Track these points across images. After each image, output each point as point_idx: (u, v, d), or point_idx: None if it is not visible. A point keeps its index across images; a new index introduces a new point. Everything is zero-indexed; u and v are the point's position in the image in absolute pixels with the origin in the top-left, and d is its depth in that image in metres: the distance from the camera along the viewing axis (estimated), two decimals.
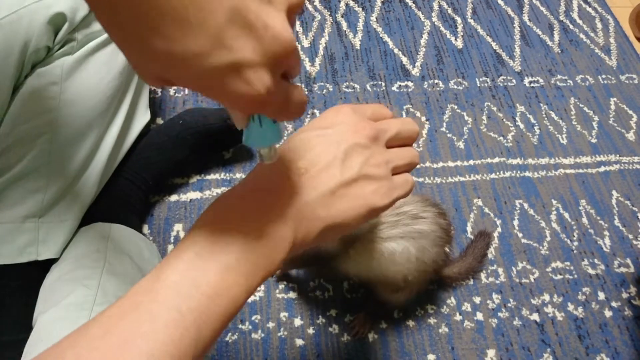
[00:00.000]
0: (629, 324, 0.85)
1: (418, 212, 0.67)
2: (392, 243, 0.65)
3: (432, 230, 0.67)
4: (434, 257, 0.68)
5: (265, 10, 0.25)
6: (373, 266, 0.67)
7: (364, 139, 0.39)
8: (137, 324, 0.28)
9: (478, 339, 0.82)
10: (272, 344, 0.79)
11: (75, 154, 0.69)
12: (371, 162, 0.39)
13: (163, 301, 0.29)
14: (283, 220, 0.34)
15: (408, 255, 0.65)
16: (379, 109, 0.43)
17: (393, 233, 0.65)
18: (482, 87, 1.15)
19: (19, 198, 0.64)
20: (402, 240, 0.65)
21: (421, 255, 0.66)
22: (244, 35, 0.24)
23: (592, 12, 1.33)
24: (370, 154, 0.39)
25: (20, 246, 0.64)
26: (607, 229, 0.96)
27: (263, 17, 0.25)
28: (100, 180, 0.74)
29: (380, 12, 1.27)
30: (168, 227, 0.89)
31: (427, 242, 0.66)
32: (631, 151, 1.07)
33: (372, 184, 0.38)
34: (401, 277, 0.68)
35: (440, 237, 0.68)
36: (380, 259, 0.65)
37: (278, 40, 0.25)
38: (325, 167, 0.37)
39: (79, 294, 0.59)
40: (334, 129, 0.39)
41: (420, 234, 0.66)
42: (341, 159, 0.38)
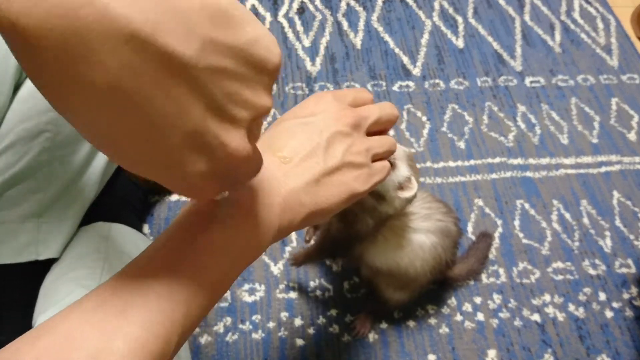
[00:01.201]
0: (630, 324, 0.85)
1: (447, 211, 0.68)
2: (422, 235, 0.65)
3: (456, 231, 0.69)
4: (449, 258, 0.69)
5: (225, 129, 0.25)
6: (397, 255, 0.66)
7: (345, 126, 0.40)
8: (130, 297, 0.28)
9: (479, 339, 0.82)
10: (273, 343, 0.79)
11: (76, 152, 0.68)
12: (353, 150, 0.40)
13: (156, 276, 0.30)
14: (269, 208, 0.35)
15: (433, 252, 0.66)
16: (360, 93, 0.44)
17: (424, 226, 0.65)
18: (483, 87, 1.15)
19: (19, 197, 0.64)
20: (432, 234, 0.66)
21: (444, 254, 0.67)
22: (198, 153, 0.25)
23: (594, 11, 1.33)
24: (352, 142, 0.40)
25: (20, 246, 0.64)
26: (608, 229, 0.96)
27: (221, 137, 0.25)
28: (101, 180, 0.74)
29: (381, 12, 1.27)
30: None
31: (450, 242, 0.68)
32: (632, 151, 1.07)
33: (353, 171, 0.40)
34: (419, 272, 0.67)
35: (456, 240, 0.70)
36: (407, 249, 0.65)
37: (232, 157, 0.26)
38: (309, 155, 0.38)
39: (79, 294, 0.59)
40: (316, 117, 0.40)
41: (450, 232, 0.67)
42: (324, 147, 0.39)
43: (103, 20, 0.19)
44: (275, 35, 1.19)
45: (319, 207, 0.38)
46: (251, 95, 0.27)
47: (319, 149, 0.39)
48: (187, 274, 0.30)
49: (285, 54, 1.16)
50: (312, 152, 0.38)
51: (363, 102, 0.44)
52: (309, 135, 0.39)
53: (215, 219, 0.32)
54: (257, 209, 0.34)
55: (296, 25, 1.22)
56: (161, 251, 0.31)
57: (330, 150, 0.39)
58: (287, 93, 1.09)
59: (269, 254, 0.88)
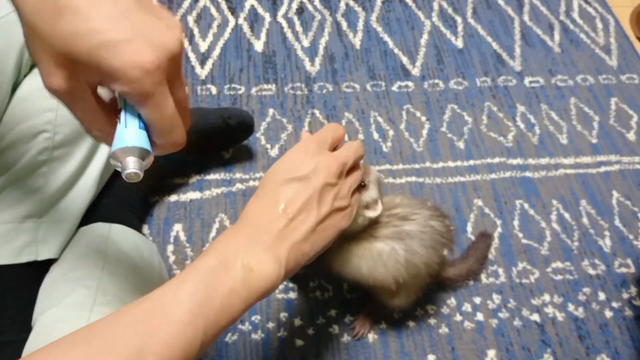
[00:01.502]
0: (629, 324, 0.85)
1: (407, 214, 0.66)
2: (380, 243, 0.64)
3: (422, 231, 0.66)
4: (425, 260, 0.66)
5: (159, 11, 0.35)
6: (362, 266, 0.65)
7: (333, 178, 0.49)
8: (155, 317, 0.36)
9: (478, 339, 0.82)
10: (272, 344, 0.79)
11: (75, 152, 0.68)
12: (339, 196, 0.50)
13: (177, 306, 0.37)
14: (276, 260, 0.44)
15: (396, 256, 0.64)
16: (336, 131, 0.53)
17: (382, 233, 0.65)
18: (483, 87, 1.15)
19: (18, 198, 0.64)
20: (390, 240, 0.65)
21: (411, 257, 0.65)
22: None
23: (593, 12, 1.33)
24: (338, 189, 0.50)
25: (19, 246, 0.64)
26: (607, 229, 0.96)
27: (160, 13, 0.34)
28: (100, 180, 0.74)
29: (380, 12, 1.27)
30: (168, 227, 0.89)
31: (416, 243, 0.65)
32: (632, 151, 1.07)
33: (340, 213, 0.51)
34: (392, 280, 0.66)
35: (433, 239, 0.66)
36: (369, 259, 0.65)
37: (172, 34, 0.33)
38: (305, 207, 0.47)
39: (79, 294, 0.59)
40: (308, 173, 0.48)
41: (408, 234, 0.65)
42: (317, 199, 0.48)
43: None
44: (275, 35, 1.19)
45: (316, 249, 0.48)
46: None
47: (312, 201, 0.47)
48: (211, 318, 0.38)
49: (284, 55, 1.16)
50: (308, 204, 0.47)
51: (340, 138, 0.54)
52: (304, 190, 0.47)
53: (233, 275, 0.41)
54: (266, 265, 0.43)
55: (295, 25, 1.22)
56: (190, 303, 0.38)
57: (321, 200, 0.48)
58: (287, 93, 1.09)
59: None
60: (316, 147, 0.50)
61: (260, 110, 1.06)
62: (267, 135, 1.02)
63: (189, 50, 1.14)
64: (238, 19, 1.21)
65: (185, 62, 1.12)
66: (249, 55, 1.15)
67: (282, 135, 1.03)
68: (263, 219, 0.46)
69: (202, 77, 1.10)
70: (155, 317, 0.36)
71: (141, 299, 0.38)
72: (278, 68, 1.13)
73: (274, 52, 1.16)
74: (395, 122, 1.07)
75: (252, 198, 0.49)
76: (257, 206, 0.47)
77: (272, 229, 0.45)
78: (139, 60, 0.32)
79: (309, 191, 0.48)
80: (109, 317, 0.36)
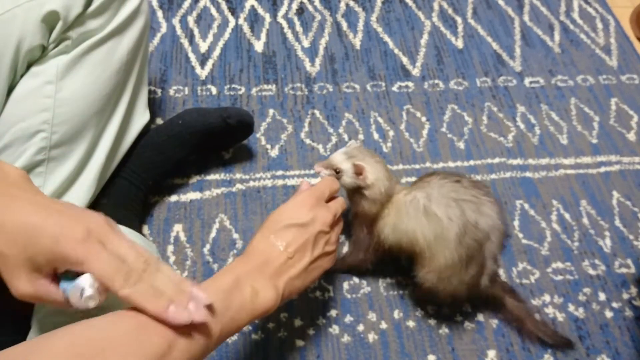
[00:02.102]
0: (629, 324, 0.85)
1: (435, 173, 0.74)
2: (408, 196, 0.72)
3: (442, 182, 0.71)
4: (445, 211, 0.68)
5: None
6: (397, 224, 0.72)
7: (326, 227, 0.63)
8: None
9: (478, 339, 0.82)
10: (272, 344, 0.79)
11: (72, 152, 0.68)
12: (330, 242, 0.64)
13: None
14: (275, 289, 0.56)
15: (416, 204, 0.70)
16: (332, 185, 0.68)
17: (409, 189, 0.74)
18: (483, 87, 1.15)
19: None
20: (414, 191, 0.72)
21: (429, 204, 0.69)
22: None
23: (593, 12, 1.33)
24: (329, 237, 0.64)
25: None
26: (607, 229, 0.96)
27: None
28: (99, 180, 0.74)
29: (381, 12, 1.27)
30: (167, 228, 0.89)
31: (435, 192, 0.70)
32: (632, 151, 1.07)
33: (328, 257, 0.64)
34: (417, 232, 0.70)
35: (455, 190, 0.70)
36: (401, 213, 0.72)
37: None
38: (302, 248, 0.60)
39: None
40: (307, 221, 0.61)
41: (428, 184, 0.72)
42: (312, 243, 0.61)
43: None
44: (275, 36, 1.19)
45: (305, 285, 0.62)
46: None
47: (308, 245, 0.60)
48: (225, 324, 0.48)
49: (284, 55, 1.16)
50: (304, 246, 0.60)
51: (335, 191, 0.68)
52: (301, 236, 0.60)
53: (244, 295, 0.52)
54: (269, 292, 0.55)
55: (295, 25, 1.22)
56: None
57: (315, 245, 0.61)
58: (287, 94, 1.09)
59: None
60: (315, 200, 0.63)
61: (261, 111, 1.06)
62: (267, 136, 1.02)
63: (189, 50, 1.14)
64: (238, 20, 1.21)
65: (185, 63, 1.12)
66: (249, 56, 1.15)
67: (282, 135, 1.03)
68: (266, 254, 0.58)
69: (202, 78, 1.10)
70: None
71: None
72: (278, 68, 1.13)
73: (274, 53, 1.16)
74: (396, 123, 1.07)
75: (258, 235, 0.60)
76: (262, 242, 0.59)
77: (273, 264, 0.57)
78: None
79: (306, 236, 0.60)
80: (137, 312, 0.42)
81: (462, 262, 0.69)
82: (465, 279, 0.72)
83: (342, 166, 0.71)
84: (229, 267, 0.56)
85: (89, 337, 0.39)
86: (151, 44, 1.13)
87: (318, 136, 1.03)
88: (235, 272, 0.54)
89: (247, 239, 0.89)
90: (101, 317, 0.41)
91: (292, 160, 0.99)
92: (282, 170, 0.98)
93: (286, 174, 0.97)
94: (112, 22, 0.71)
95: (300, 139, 1.03)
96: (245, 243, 0.89)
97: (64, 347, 0.38)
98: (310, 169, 0.98)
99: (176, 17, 1.20)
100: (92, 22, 0.68)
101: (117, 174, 0.80)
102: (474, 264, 0.70)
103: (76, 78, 0.67)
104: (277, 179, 0.97)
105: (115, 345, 0.39)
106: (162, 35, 1.16)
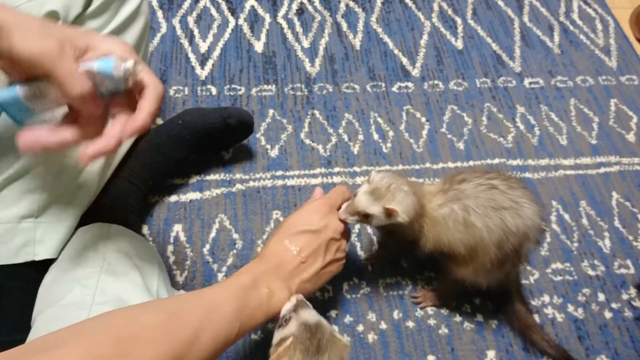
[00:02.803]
0: (629, 325, 0.85)
1: (466, 177, 0.70)
2: (444, 208, 0.70)
3: (476, 189, 0.68)
4: (485, 221, 0.66)
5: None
6: (438, 236, 0.71)
7: (337, 234, 0.66)
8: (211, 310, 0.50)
9: (478, 340, 0.82)
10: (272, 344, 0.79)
11: (71, 152, 0.68)
12: (340, 249, 0.68)
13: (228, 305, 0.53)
14: (289, 291, 0.60)
15: (455, 216, 0.68)
16: (345, 193, 0.71)
17: (445, 199, 0.70)
18: (482, 88, 1.15)
19: (15, 198, 0.64)
20: (450, 203, 0.69)
21: (467, 215, 0.67)
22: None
23: (592, 13, 1.33)
24: (340, 244, 0.67)
25: (17, 246, 0.64)
26: (607, 230, 0.96)
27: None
28: (99, 180, 0.74)
29: (380, 13, 1.27)
30: (167, 228, 0.89)
31: (472, 201, 0.67)
32: (631, 152, 1.07)
33: (338, 263, 0.68)
34: (458, 241, 0.69)
35: (490, 198, 0.67)
36: (438, 226, 0.70)
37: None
38: (314, 253, 0.63)
39: (77, 294, 0.59)
40: (320, 228, 0.65)
41: (463, 193, 0.68)
42: (324, 249, 0.65)
43: None
44: (275, 36, 1.19)
45: (315, 288, 0.65)
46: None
47: (320, 250, 0.64)
48: (243, 321, 0.53)
49: (284, 55, 1.16)
50: (316, 251, 0.64)
51: (348, 199, 0.69)
52: (314, 241, 0.64)
53: (260, 294, 0.56)
54: (282, 293, 0.59)
55: (295, 26, 1.22)
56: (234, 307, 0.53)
57: (327, 251, 0.65)
58: (287, 94, 1.09)
59: None
60: (328, 209, 0.67)
61: (260, 111, 1.06)
62: (267, 136, 1.02)
63: (189, 50, 1.14)
64: (238, 20, 1.21)
65: (185, 63, 1.12)
66: (249, 56, 1.15)
67: (282, 135, 1.03)
68: (281, 257, 0.61)
69: (202, 78, 1.10)
70: (212, 311, 0.50)
71: (194, 295, 0.53)
72: (278, 69, 1.13)
73: (274, 53, 1.16)
74: (395, 123, 1.07)
75: (274, 239, 0.64)
76: (277, 246, 0.63)
77: (287, 267, 0.61)
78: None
79: (318, 242, 0.64)
80: (167, 303, 0.49)
81: (499, 263, 0.70)
82: (498, 275, 0.73)
83: (370, 211, 0.66)
84: (246, 268, 0.60)
85: (125, 321, 0.44)
86: (151, 44, 1.13)
87: (318, 136, 1.03)
88: (253, 273, 0.58)
89: (247, 239, 0.89)
90: (135, 306, 0.47)
91: (292, 161, 0.99)
92: (281, 171, 0.98)
93: (286, 174, 0.97)
94: (111, 22, 0.71)
95: (300, 139, 1.03)
96: (245, 243, 0.89)
97: (102, 329, 0.42)
98: (309, 169, 0.98)
99: (176, 17, 1.20)
100: (92, 23, 0.68)
101: (117, 174, 0.80)
102: (510, 263, 0.71)
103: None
104: (277, 179, 0.97)
105: (149, 331, 0.43)
106: (162, 36, 1.16)
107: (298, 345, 0.54)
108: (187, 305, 0.49)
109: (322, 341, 0.55)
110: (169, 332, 0.45)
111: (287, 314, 0.57)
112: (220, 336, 0.49)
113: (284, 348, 0.55)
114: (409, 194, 0.67)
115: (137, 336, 0.42)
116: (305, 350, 0.54)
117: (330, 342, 0.56)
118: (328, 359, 0.55)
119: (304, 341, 0.54)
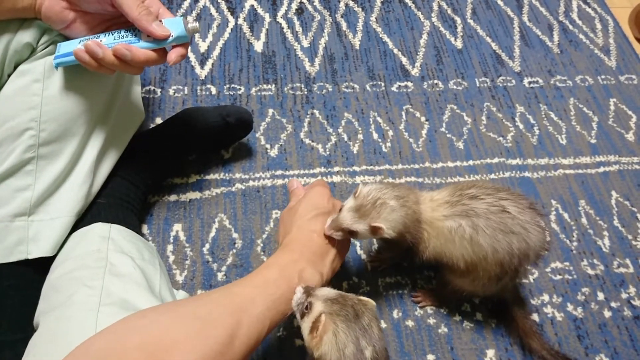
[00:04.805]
0: (628, 324, 0.85)
1: (479, 194, 0.68)
2: (450, 221, 0.68)
3: (489, 210, 0.66)
4: (491, 242, 0.66)
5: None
6: (441, 248, 0.70)
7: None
8: (244, 309, 0.52)
9: (477, 339, 0.82)
10: (272, 344, 0.79)
11: (62, 150, 0.68)
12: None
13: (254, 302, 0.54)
14: (319, 274, 0.63)
15: (462, 232, 0.67)
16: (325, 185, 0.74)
17: (453, 212, 0.68)
18: (482, 87, 1.15)
19: (6, 197, 0.64)
20: (458, 217, 0.68)
21: (475, 235, 0.66)
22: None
23: (592, 12, 1.33)
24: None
25: (10, 245, 0.64)
26: (606, 229, 0.96)
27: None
28: (94, 179, 0.73)
29: (380, 13, 1.27)
30: (167, 227, 0.89)
31: (482, 222, 0.66)
32: (630, 152, 1.07)
33: (346, 243, 0.70)
34: (459, 256, 0.69)
35: (502, 222, 0.66)
36: (442, 237, 0.69)
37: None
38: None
39: (83, 294, 0.59)
40: (330, 209, 0.68)
41: (475, 212, 0.67)
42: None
43: None
44: (274, 36, 1.19)
45: (340, 264, 0.68)
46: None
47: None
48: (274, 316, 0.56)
49: (284, 55, 1.16)
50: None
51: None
52: (324, 220, 0.66)
53: (292, 284, 0.58)
54: (315, 277, 0.62)
55: (295, 25, 1.22)
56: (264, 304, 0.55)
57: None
58: (286, 93, 1.09)
59: (269, 255, 0.88)
60: (329, 192, 0.71)
61: (260, 110, 1.06)
62: (266, 135, 1.02)
63: (189, 50, 1.14)
64: (238, 19, 1.21)
65: (185, 62, 1.12)
66: (249, 56, 1.15)
67: (282, 135, 1.03)
68: (306, 243, 0.63)
69: (202, 77, 1.10)
70: (242, 314, 0.51)
71: (222, 295, 0.54)
72: (278, 68, 1.13)
73: (274, 53, 1.16)
74: (395, 122, 1.07)
75: (295, 229, 0.65)
76: (299, 233, 0.65)
77: (314, 250, 0.63)
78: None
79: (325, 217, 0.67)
80: (198, 309, 0.50)
81: (497, 278, 0.71)
82: (495, 288, 0.74)
83: (354, 229, 0.65)
84: (271, 261, 0.61)
85: (160, 336, 0.45)
86: None
87: (317, 136, 1.03)
88: (280, 264, 0.60)
89: (247, 239, 0.89)
90: (164, 315, 0.49)
91: (291, 160, 0.99)
92: (281, 170, 0.98)
93: (285, 174, 0.98)
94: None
95: (300, 138, 1.03)
96: (244, 242, 0.89)
97: (135, 345, 0.43)
98: (309, 169, 0.98)
99: (176, 17, 1.19)
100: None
101: (116, 174, 0.80)
102: (508, 277, 0.72)
103: (64, 76, 0.66)
104: (276, 179, 0.97)
105: (183, 343, 0.45)
106: None
107: (335, 318, 0.54)
108: (218, 310, 0.50)
109: (355, 306, 0.56)
110: (204, 340, 0.46)
111: (305, 302, 0.56)
112: (252, 337, 0.51)
113: (322, 325, 0.54)
114: (395, 209, 0.65)
115: (173, 349, 0.44)
116: (345, 318, 0.54)
117: (362, 305, 0.57)
118: (368, 320, 0.56)
119: (339, 311, 0.55)
